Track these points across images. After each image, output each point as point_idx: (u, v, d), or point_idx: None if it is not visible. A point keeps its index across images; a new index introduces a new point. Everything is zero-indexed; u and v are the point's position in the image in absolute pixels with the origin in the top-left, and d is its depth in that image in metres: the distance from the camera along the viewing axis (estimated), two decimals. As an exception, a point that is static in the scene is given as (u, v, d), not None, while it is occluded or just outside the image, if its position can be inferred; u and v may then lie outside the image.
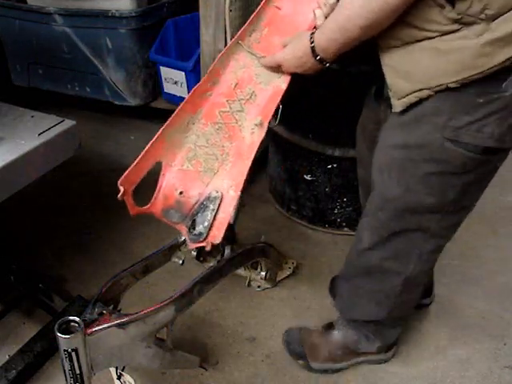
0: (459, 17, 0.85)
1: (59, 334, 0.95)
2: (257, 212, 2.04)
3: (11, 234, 1.86)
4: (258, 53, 1.16)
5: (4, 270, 1.51)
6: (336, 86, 1.56)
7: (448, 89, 0.91)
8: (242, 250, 1.37)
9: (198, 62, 1.87)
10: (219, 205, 1.08)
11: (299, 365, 1.42)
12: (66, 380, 1.02)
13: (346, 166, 1.74)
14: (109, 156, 2.41)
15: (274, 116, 1.33)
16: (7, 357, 1.38)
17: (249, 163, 1.10)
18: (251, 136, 1.12)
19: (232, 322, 1.57)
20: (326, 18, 1.04)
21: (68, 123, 1.33)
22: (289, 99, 1.47)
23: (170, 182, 1.16)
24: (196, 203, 1.11)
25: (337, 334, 1.41)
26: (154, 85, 2.46)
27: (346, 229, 1.91)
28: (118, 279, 1.19)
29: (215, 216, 1.08)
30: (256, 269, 1.61)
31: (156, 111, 2.57)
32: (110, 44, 2.27)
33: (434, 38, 0.89)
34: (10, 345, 1.44)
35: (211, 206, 1.07)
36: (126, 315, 1.05)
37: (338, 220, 1.90)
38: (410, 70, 0.94)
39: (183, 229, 1.12)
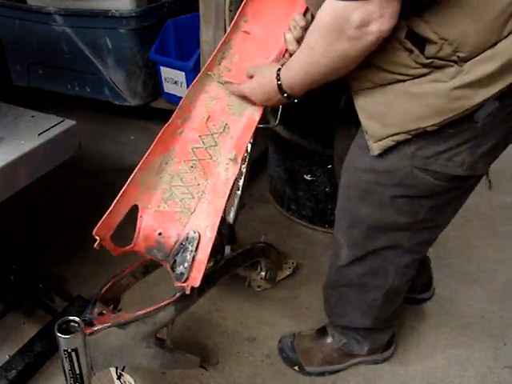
0: (429, 61, 0.83)
1: (59, 334, 0.95)
2: (257, 212, 2.04)
3: (11, 234, 1.86)
4: (228, 80, 1.11)
5: (4, 270, 1.51)
6: (336, 85, 1.56)
7: (426, 131, 0.89)
8: (241, 250, 1.37)
9: (197, 62, 1.87)
10: (197, 246, 1.06)
11: (295, 371, 1.42)
12: (66, 380, 1.02)
13: (346, 165, 1.74)
14: (109, 156, 2.41)
15: (274, 116, 1.33)
16: (7, 357, 1.38)
17: (224, 201, 1.07)
18: (226, 172, 1.09)
19: (232, 322, 1.57)
20: (297, 41, 1.02)
21: (68, 123, 1.33)
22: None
23: (148, 224, 1.15)
24: (176, 243, 1.09)
25: (330, 338, 1.41)
26: (154, 85, 2.46)
27: (345, 229, 1.91)
28: (118, 279, 1.19)
29: (194, 257, 1.05)
30: (256, 269, 1.61)
31: (156, 111, 2.57)
32: (110, 44, 2.27)
33: (405, 81, 0.87)
34: (9, 345, 1.44)
35: (190, 248, 1.06)
36: (126, 315, 1.05)
37: (338, 220, 1.90)
38: (383, 113, 0.92)
39: (167, 266, 1.11)
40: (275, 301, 1.64)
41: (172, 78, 2.33)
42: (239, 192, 1.37)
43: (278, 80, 0.98)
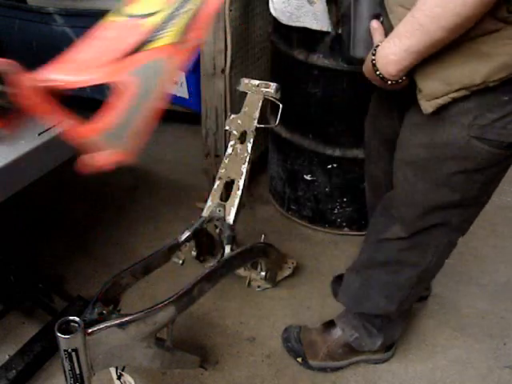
0: (507, 15, 0.81)
1: (59, 334, 0.94)
2: (257, 212, 2.04)
3: (11, 234, 1.86)
4: None
5: (4, 270, 1.51)
6: (336, 85, 1.56)
7: (486, 88, 0.89)
8: (241, 249, 1.37)
9: (198, 62, 1.87)
10: None
11: (297, 362, 1.42)
12: (66, 380, 1.02)
13: (346, 166, 1.74)
14: (109, 156, 2.40)
15: (274, 116, 1.34)
16: (7, 357, 1.38)
17: None
18: None
19: (232, 321, 1.57)
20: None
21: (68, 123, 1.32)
22: (288, 99, 1.48)
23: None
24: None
25: (338, 332, 1.41)
26: (154, 85, 2.46)
27: (346, 229, 1.91)
28: (118, 279, 1.19)
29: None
30: (256, 269, 1.61)
31: (156, 111, 2.57)
32: (110, 44, 2.26)
33: (475, 38, 0.85)
34: (9, 345, 1.44)
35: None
36: (126, 315, 1.05)
37: (338, 220, 1.90)
38: (447, 73, 0.90)
39: None
40: (275, 301, 1.64)
41: (172, 78, 2.32)
42: (239, 192, 1.37)
43: (374, 55, 0.93)
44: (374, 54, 0.93)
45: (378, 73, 0.94)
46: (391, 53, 0.89)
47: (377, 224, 1.25)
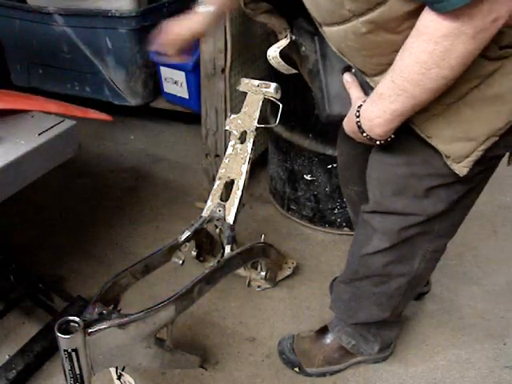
0: (502, 52, 0.78)
1: (59, 334, 0.94)
2: (257, 212, 2.04)
3: (11, 234, 1.86)
4: None
5: (4, 270, 1.51)
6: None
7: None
8: (241, 249, 1.37)
9: (198, 61, 1.87)
10: None
11: (295, 372, 1.41)
12: (66, 380, 1.02)
13: (346, 166, 1.74)
14: (108, 156, 2.41)
15: (273, 116, 1.33)
16: (7, 357, 1.38)
17: None
18: None
19: (232, 322, 1.57)
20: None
21: (68, 123, 1.33)
22: (288, 99, 1.48)
23: None
24: None
25: (332, 338, 1.40)
26: (154, 85, 2.46)
27: (346, 229, 1.91)
28: (118, 279, 1.19)
29: None
30: (256, 269, 1.61)
31: (156, 111, 2.58)
32: (110, 44, 2.27)
33: (479, 85, 0.82)
34: (9, 345, 1.44)
35: None
36: (126, 315, 1.05)
37: (338, 220, 1.90)
38: (466, 129, 0.86)
39: None
40: (275, 301, 1.64)
41: (172, 78, 2.32)
42: (239, 192, 1.37)
43: (357, 117, 0.89)
44: (357, 116, 0.89)
45: (364, 135, 0.90)
46: (376, 116, 0.85)
47: (358, 236, 1.23)
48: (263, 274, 1.60)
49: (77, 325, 0.97)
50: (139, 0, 2.22)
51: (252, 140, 1.38)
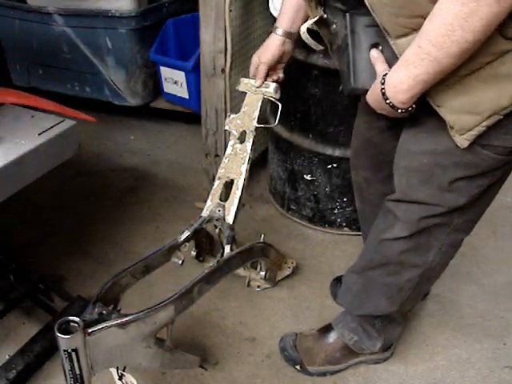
0: None
1: (59, 334, 0.94)
2: (257, 212, 2.04)
3: (11, 234, 1.86)
4: None
5: (4, 270, 1.51)
6: (336, 85, 1.56)
7: None
8: (241, 249, 1.37)
9: (197, 62, 1.87)
10: None
11: (296, 370, 1.41)
12: (66, 380, 1.02)
13: (346, 166, 1.74)
14: (108, 156, 2.41)
15: (273, 116, 1.33)
16: (7, 357, 1.38)
17: None
18: None
19: (232, 321, 1.57)
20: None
21: (68, 123, 1.33)
22: (288, 99, 1.48)
23: None
24: None
25: (335, 336, 1.40)
26: (154, 85, 2.46)
27: (345, 229, 1.91)
28: (118, 279, 1.19)
29: None
30: (256, 269, 1.61)
31: (156, 111, 2.58)
32: (110, 44, 2.27)
33: (492, 62, 0.85)
34: (9, 345, 1.44)
35: None
36: (126, 315, 1.04)
37: (338, 220, 1.90)
38: (474, 103, 0.89)
39: None
40: (275, 301, 1.64)
41: (172, 78, 2.33)
42: (239, 192, 1.37)
43: (382, 84, 0.92)
44: (382, 83, 0.92)
45: (388, 101, 0.93)
46: (400, 82, 0.89)
47: (378, 225, 1.25)
48: (263, 273, 1.60)
49: (77, 325, 0.97)
50: (139, 0, 2.22)
51: (251, 140, 1.38)
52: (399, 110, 0.93)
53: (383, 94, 0.93)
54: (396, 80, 0.90)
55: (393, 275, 1.23)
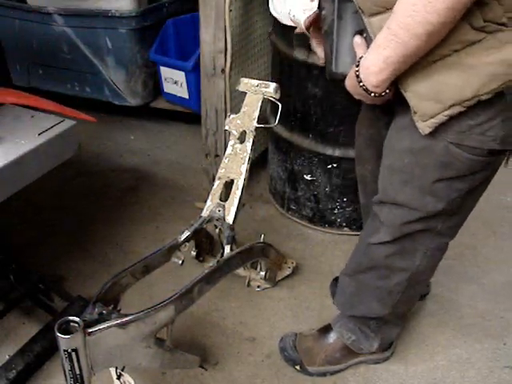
0: (484, 24, 0.81)
1: (59, 335, 0.94)
2: (257, 212, 2.04)
3: (11, 234, 1.86)
4: None
5: (4, 270, 1.51)
6: (336, 85, 1.56)
7: (479, 101, 0.88)
8: (241, 249, 1.37)
9: (197, 61, 1.87)
10: None
11: (296, 370, 1.41)
12: (66, 380, 1.02)
13: (346, 166, 1.74)
14: (108, 156, 2.41)
15: (273, 116, 1.33)
16: (7, 357, 1.38)
17: None
18: None
19: (232, 321, 1.57)
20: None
21: (68, 123, 1.33)
22: (288, 99, 1.48)
23: None
24: None
25: (334, 336, 1.41)
26: (154, 85, 2.46)
27: (345, 229, 1.91)
28: (118, 279, 1.19)
29: None
30: (255, 269, 1.61)
31: (156, 111, 2.58)
32: (110, 44, 2.27)
33: (459, 51, 0.85)
34: (9, 345, 1.44)
35: None
36: (126, 315, 1.05)
37: (338, 220, 1.90)
38: (439, 90, 0.89)
39: None
40: (275, 301, 1.64)
41: (172, 78, 2.32)
42: (239, 192, 1.37)
43: (357, 66, 0.93)
44: (357, 66, 0.94)
45: (361, 84, 0.94)
46: (372, 64, 0.90)
47: (367, 228, 1.26)
48: (263, 273, 1.60)
49: (77, 325, 0.97)
50: (139, 0, 2.22)
51: (251, 140, 1.39)
52: (372, 94, 0.94)
53: (357, 76, 0.93)
54: (368, 62, 0.90)
55: (383, 279, 1.24)
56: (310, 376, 1.41)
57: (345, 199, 1.84)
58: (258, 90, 1.38)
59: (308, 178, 1.84)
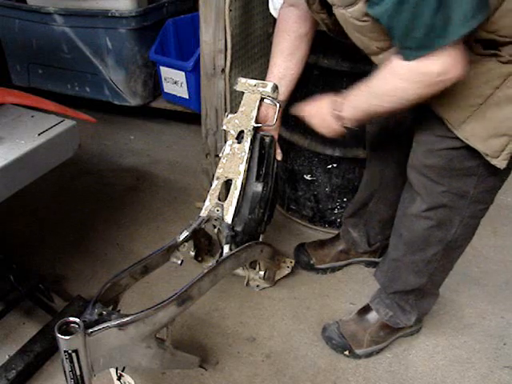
0: (510, 58, 0.91)
1: (59, 335, 0.94)
2: (257, 212, 2.04)
3: (11, 234, 1.86)
4: None
5: (4, 270, 1.51)
6: (336, 85, 1.56)
7: None
8: (240, 249, 1.37)
9: (197, 61, 1.87)
10: None
11: (345, 356, 1.44)
12: (67, 381, 1.02)
13: (346, 166, 1.74)
14: (108, 156, 2.41)
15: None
16: (7, 357, 1.38)
17: None
18: None
19: (232, 322, 1.57)
20: None
21: (68, 123, 1.33)
22: (289, 99, 1.47)
23: None
24: None
25: (374, 315, 1.45)
26: (154, 85, 2.46)
27: (345, 229, 1.91)
28: (118, 280, 1.19)
29: None
30: (254, 268, 1.61)
31: (156, 111, 2.58)
32: (110, 44, 2.27)
33: (500, 87, 0.93)
34: (9, 345, 1.44)
35: None
36: (126, 316, 1.04)
37: (338, 220, 1.90)
38: (497, 127, 0.97)
39: None
40: (275, 301, 1.64)
41: (172, 78, 2.33)
42: (237, 192, 1.37)
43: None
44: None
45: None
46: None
47: (403, 200, 1.31)
48: (261, 273, 1.59)
49: (77, 326, 0.97)
50: (139, 0, 2.22)
51: (249, 139, 1.38)
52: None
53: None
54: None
55: (418, 252, 1.28)
56: (358, 359, 1.44)
57: (345, 199, 1.83)
58: (256, 90, 1.38)
59: (308, 178, 1.84)
